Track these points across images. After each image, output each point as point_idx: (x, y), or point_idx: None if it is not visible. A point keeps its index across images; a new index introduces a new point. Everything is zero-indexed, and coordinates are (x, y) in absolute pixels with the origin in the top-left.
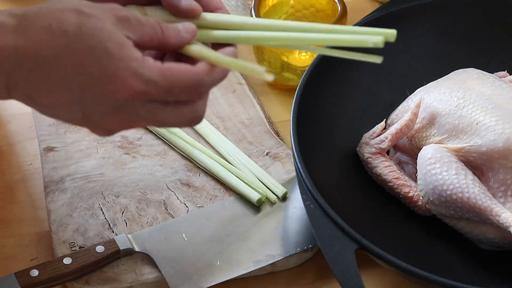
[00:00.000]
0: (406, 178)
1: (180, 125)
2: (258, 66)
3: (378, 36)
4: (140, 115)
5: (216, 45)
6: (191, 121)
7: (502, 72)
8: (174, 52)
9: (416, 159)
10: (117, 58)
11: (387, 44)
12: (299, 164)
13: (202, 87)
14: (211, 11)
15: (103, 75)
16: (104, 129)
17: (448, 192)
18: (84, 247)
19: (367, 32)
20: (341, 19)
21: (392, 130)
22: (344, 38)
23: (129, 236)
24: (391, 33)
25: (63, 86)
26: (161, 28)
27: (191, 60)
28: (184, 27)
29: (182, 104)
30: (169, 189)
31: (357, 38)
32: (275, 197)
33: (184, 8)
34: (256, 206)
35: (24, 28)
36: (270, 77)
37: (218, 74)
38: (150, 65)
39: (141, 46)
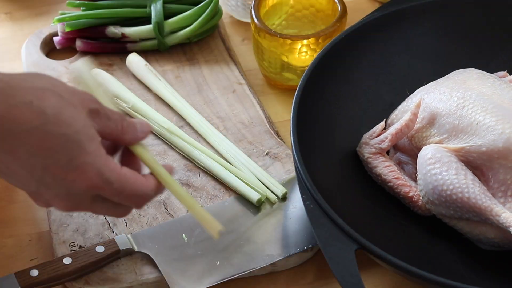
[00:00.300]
0: (406, 178)
1: (109, 215)
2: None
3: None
4: (84, 204)
5: None
6: (120, 215)
7: (502, 72)
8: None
9: (416, 159)
10: (87, 152)
11: (387, 44)
12: (299, 164)
13: (145, 199)
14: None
15: (69, 164)
16: (47, 204)
17: (448, 192)
18: (84, 247)
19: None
20: (341, 19)
21: (392, 130)
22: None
23: (129, 236)
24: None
25: (28, 162)
26: (122, 125)
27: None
28: (141, 127)
29: (121, 202)
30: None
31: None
32: (275, 197)
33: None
34: (256, 206)
35: (7, 97)
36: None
37: (160, 192)
38: (112, 167)
39: (101, 135)
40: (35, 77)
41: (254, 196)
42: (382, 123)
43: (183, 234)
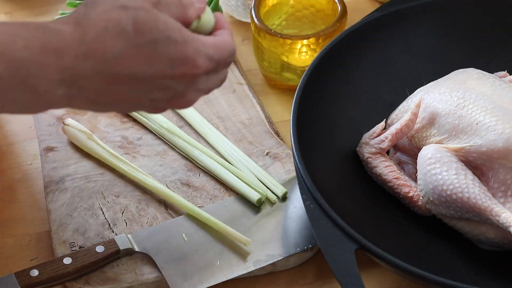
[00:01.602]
0: (406, 178)
1: (217, 87)
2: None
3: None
4: (199, 89)
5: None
6: (223, 81)
7: (502, 72)
8: None
9: (416, 159)
10: (181, 42)
11: (387, 44)
12: (299, 164)
13: (233, 57)
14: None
15: (173, 62)
16: (162, 109)
17: (448, 192)
18: (84, 247)
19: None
20: (341, 19)
21: (392, 130)
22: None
23: (129, 236)
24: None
25: (133, 82)
26: (182, 4)
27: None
28: None
29: (220, 69)
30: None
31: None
32: (275, 197)
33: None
34: (256, 206)
35: (83, 34)
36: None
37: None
38: (206, 42)
39: None
40: (94, 4)
41: (254, 196)
42: (382, 123)
43: (183, 234)
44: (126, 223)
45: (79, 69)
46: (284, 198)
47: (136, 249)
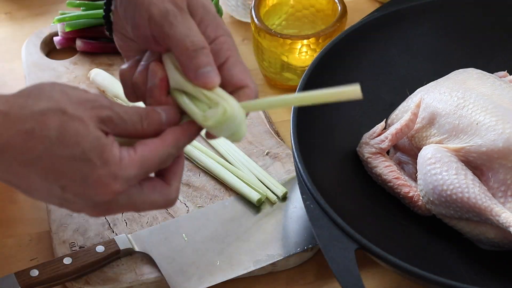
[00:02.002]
0: (406, 178)
1: (155, 207)
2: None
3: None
4: (120, 205)
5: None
6: (163, 207)
7: (502, 72)
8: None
9: (416, 159)
10: (99, 166)
11: (387, 44)
12: (299, 164)
13: (169, 158)
14: (234, 87)
15: (85, 182)
16: (79, 212)
17: (448, 192)
18: (84, 247)
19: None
20: (341, 19)
21: (392, 130)
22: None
23: (129, 236)
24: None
25: (44, 185)
26: (142, 126)
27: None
28: (168, 119)
29: (155, 182)
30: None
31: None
32: (275, 197)
33: (199, 78)
34: (256, 206)
35: (6, 129)
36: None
37: (182, 142)
38: (127, 163)
39: (120, 136)
40: (36, 98)
41: (254, 196)
42: (382, 123)
43: (183, 234)
44: (126, 223)
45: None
46: (284, 198)
47: (136, 249)
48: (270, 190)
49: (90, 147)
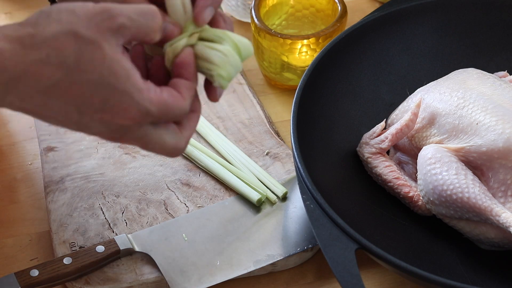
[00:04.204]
0: (406, 178)
1: (163, 149)
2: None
3: None
4: (133, 137)
5: None
6: (171, 154)
7: (502, 72)
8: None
9: (416, 159)
10: (120, 92)
11: (387, 44)
12: (299, 164)
13: (180, 115)
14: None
15: (104, 106)
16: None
17: (448, 192)
18: (84, 247)
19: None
20: (341, 19)
21: (392, 130)
22: None
23: (129, 236)
24: None
25: (62, 110)
26: (154, 22)
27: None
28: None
29: (170, 124)
30: (169, 189)
31: None
32: (275, 197)
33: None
34: (256, 206)
35: (23, 57)
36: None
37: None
38: (150, 96)
39: (139, 42)
40: (45, 23)
41: (254, 196)
42: (382, 123)
43: (183, 234)
44: (126, 223)
45: (11, 87)
46: (284, 198)
47: (136, 249)
48: (270, 190)
49: (108, 72)
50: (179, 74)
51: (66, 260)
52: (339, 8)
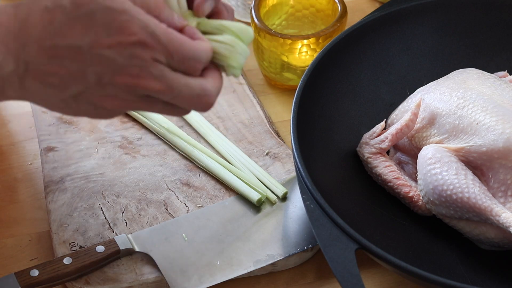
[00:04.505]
0: (406, 178)
1: (191, 102)
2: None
3: None
4: (151, 72)
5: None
6: (200, 99)
7: (502, 72)
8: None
9: (416, 159)
10: (120, 11)
11: (387, 44)
12: (299, 164)
13: (197, 61)
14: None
15: (109, 29)
16: (111, 101)
17: (448, 192)
18: (84, 247)
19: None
20: (341, 19)
21: (392, 130)
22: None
23: (129, 236)
24: None
25: (72, 53)
26: None
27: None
28: None
29: (189, 76)
30: (169, 189)
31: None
32: (275, 197)
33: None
34: (256, 206)
35: (24, 13)
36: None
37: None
38: (156, 22)
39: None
40: None
41: (254, 196)
42: (382, 123)
43: (183, 234)
44: (126, 223)
45: (23, 42)
46: (284, 198)
47: (136, 249)
48: (270, 190)
49: None
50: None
51: (66, 260)
52: (339, 8)
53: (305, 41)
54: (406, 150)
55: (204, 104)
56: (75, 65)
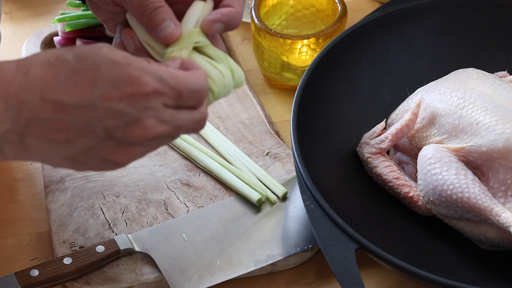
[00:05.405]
0: (406, 178)
1: (192, 130)
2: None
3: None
4: (162, 120)
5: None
6: (200, 124)
7: (502, 72)
8: None
9: (416, 159)
10: (126, 64)
11: (387, 44)
12: (299, 164)
13: (203, 92)
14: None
15: (118, 82)
16: (121, 154)
17: (448, 192)
18: (84, 247)
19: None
20: (341, 19)
21: (392, 130)
22: None
23: (129, 236)
24: None
25: (80, 109)
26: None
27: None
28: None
29: (191, 108)
30: (169, 189)
31: None
32: (275, 197)
33: (162, 37)
34: (256, 206)
35: (25, 67)
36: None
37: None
38: (158, 67)
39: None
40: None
41: (254, 196)
42: (382, 123)
43: (183, 234)
44: (126, 223)
45: (23, 98)
46: (284, 198)
47: (136, 249)
48: (270, 190)
49: (109, 52)
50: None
51: (66, 260)
52: (339, 8)
53: (305, 41)
54: (406, 150)
55: (201, 127)
56: (83, 121)
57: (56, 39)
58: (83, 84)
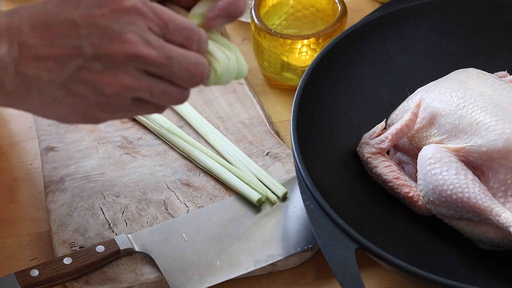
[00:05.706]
0: (406, 178)
1: (187, 71)
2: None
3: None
4: (148, 40)
5: None
6: (196, 67)
7: (502, 72)
8: None
9: (416, 159)
10: None
11: (387, 44)
12: (299, 164)
13: (191, 32)
14: None
15: (101, 1)
16: (114, 81)
17: (448, 192)
18: (84, 247)
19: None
20: (341, 19)
21: (392, 130)
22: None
23: (129, 236)
24: None
25: (65, 28)
26: None
27: None
28: None
29: (185, 48)
30: (169, 189)
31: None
32: (275, 197)
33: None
34: (256, 206)
35: (15, 10)
36: None
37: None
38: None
39: None
40: None
41: (254, 196)
42: (382, 123)
43: (183, 234)
44: (126, 223)
45: (14, 23)
46: (284, 198)
47: (136, 249)
48: (270, 190)
49: None
50: None
51: (66, 260)
52: (339, 8)
53: (305, 41)
54: (406, 150)
55: (200, 74)
56: (68, 42)
57: None
58: (68, 7)
